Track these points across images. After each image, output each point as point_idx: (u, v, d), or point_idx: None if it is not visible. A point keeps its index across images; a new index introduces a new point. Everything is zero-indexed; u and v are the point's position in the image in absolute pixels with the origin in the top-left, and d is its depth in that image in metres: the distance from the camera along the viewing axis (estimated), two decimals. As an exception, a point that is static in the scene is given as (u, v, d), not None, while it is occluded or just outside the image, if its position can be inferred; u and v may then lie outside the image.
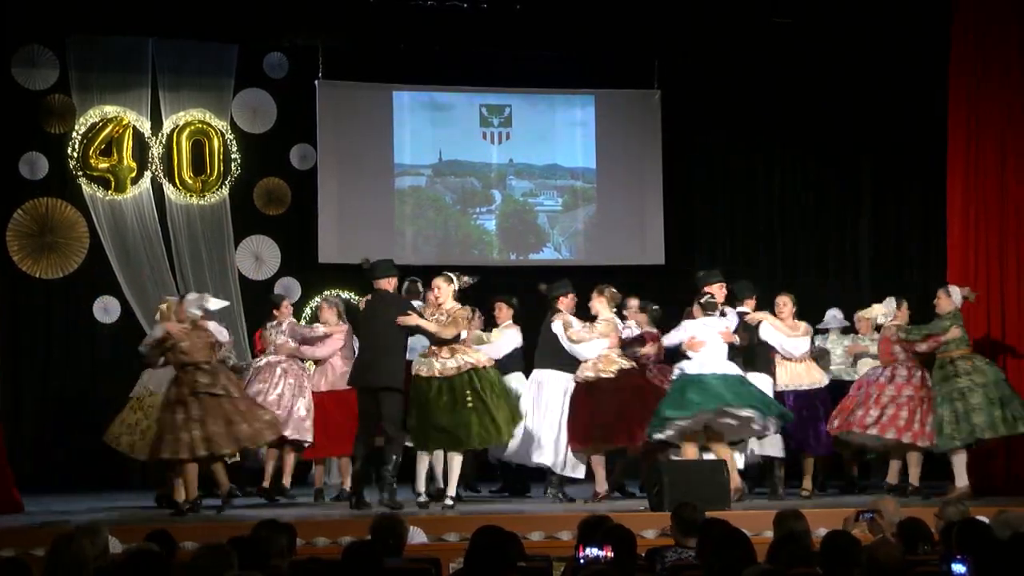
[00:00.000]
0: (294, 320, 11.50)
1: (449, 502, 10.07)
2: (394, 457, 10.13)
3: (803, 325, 11.21)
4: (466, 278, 10.38)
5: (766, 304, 11.19)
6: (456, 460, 10.22)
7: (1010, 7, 11.80)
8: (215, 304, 10.36)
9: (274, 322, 11.27)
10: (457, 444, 10.14)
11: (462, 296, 10.36)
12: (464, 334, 10.24)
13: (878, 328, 11.46)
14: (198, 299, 10.27)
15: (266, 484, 10.98)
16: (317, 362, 11.22)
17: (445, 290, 10.22)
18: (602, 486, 10.75)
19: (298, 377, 11.01)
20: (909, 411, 10.84)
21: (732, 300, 10.96)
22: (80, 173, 13.35)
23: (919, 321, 11.21)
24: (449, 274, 10.36)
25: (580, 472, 10.86)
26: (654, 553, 6.39)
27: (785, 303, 11.17)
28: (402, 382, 10.13)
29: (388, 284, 10.40)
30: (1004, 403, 10.80)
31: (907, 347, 11.00)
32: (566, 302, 10.89)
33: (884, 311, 11.25)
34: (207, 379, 9.97)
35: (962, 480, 10.79)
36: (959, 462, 10.78)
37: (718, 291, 10.79)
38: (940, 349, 10.93)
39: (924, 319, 11.21)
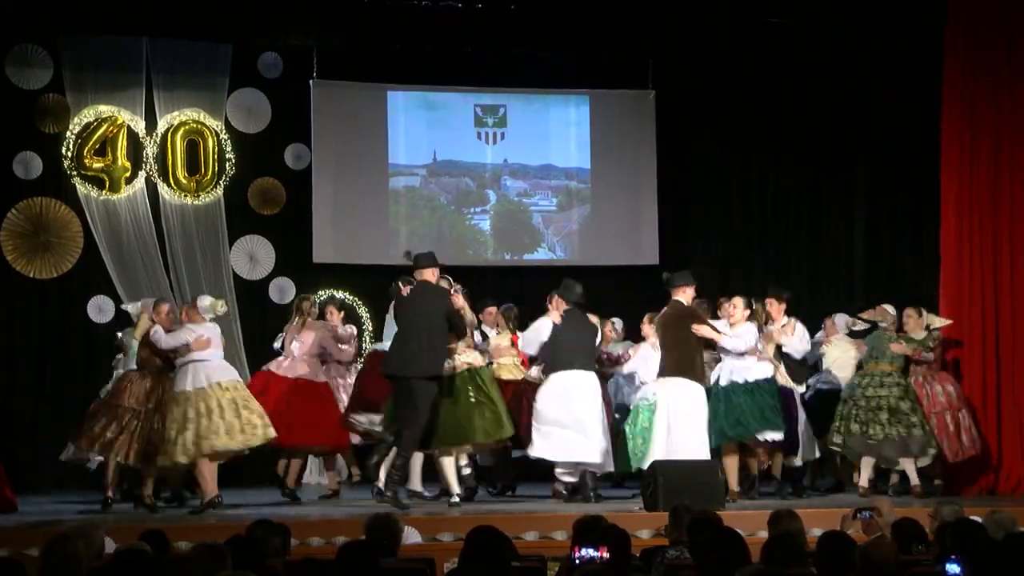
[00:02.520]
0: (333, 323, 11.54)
1: (455, 499, 10.20)
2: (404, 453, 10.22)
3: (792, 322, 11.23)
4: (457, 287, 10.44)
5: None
6: (450, 459, 10.30)
7: (1003, 12, 11.82)
8: (223, 308, 10.50)
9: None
10: (461, 439, 10.21)
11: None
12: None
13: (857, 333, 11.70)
14: (212, 304, 10.35)
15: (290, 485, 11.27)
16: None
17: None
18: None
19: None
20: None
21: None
22: (74, 173, 13.33)
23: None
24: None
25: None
26: (652, 552, 6.40)
27: (771, 303, 11.15)
28: (442, 372, 10.16)
29: (431, 275, 10.25)
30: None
31: (919, 357, 11.20)
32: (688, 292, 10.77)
33: (884, 317, 11.37)
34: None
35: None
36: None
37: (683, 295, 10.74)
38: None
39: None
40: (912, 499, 10.49)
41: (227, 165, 13.85)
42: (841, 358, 11.77)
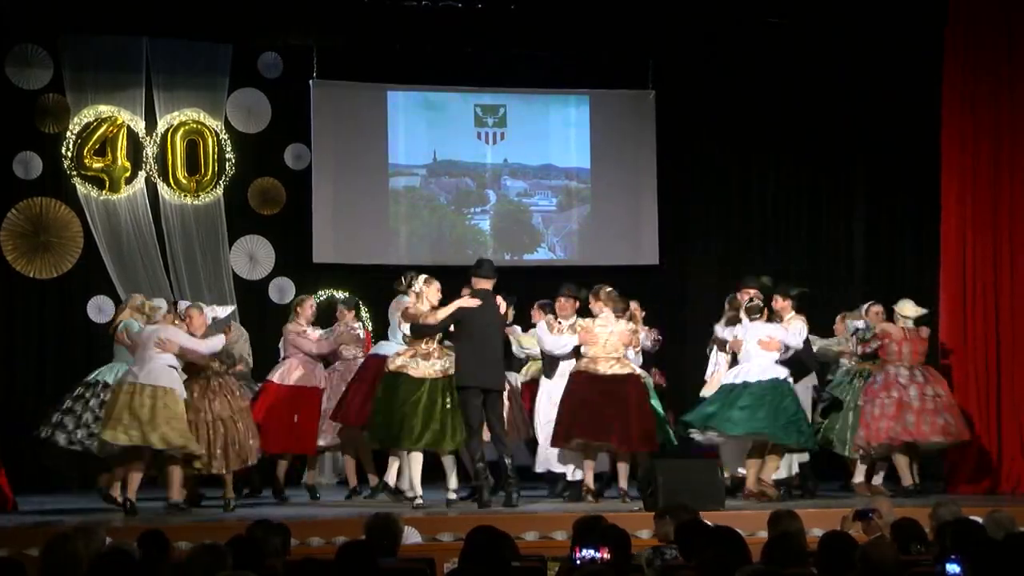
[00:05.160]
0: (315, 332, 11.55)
1: (452, 496, 10.24)
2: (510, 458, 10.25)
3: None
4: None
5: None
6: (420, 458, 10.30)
7: (1003, 12, 11.82)
8: (222, 311, 10.56)
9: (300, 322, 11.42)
10: (440, 444, 10.20)
11: None
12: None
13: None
14: (210, 308, 10.49)
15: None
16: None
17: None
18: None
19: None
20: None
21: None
22: (74, 173, 13.33)
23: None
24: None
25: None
26: (652, 552, 6.39)
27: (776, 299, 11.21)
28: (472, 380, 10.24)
29: (488, 284, 10.42)
30: None
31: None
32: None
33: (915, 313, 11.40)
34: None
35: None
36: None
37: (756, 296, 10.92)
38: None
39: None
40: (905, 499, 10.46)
41: (227, 165, 13.85)
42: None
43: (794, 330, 10.80)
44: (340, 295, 13.88)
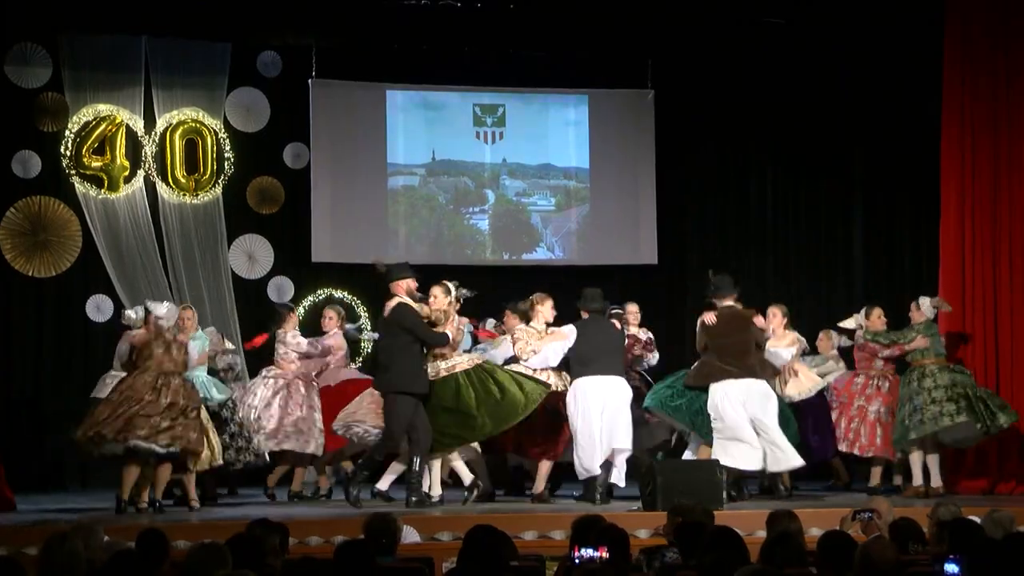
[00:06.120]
0: (301, 339, 11.42)
1: (436, 499, 10.24)
2: (416, 458, 10.10)
3: (791, 335, 11.13)
4: (464, 290, 10.40)
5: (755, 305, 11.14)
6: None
7: (1000, 11, 11.83)
8: (158, 309, 10.27)
9: (282, 331, 11.34)
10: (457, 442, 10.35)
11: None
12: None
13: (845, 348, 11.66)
14: (155, 306, 10.21)
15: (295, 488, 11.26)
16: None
17: (441, 299, 10.26)
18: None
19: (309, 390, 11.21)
20: (870, 426, 11.06)
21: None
22: (73, 172, 13.32)
23: (898, 327, 11.38)
24: (447, 283, 10.37)
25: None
26: (652, 552, 6.39)
27: (775, 314, 11.10)
28: (414, 386, 10.07)
29: (400, 287, 10.24)
30: (978, 398, 10.97)
31: (874, 351, 11.15)
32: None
33: (857, 321, 11.36)
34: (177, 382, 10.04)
35: (936, 480, 11.02)
36: (916, 460, 11.02)
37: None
38: (909, 357, 11.14)
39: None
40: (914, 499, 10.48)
41: (226, 164, 13.85)
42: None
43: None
44: (339, 295, 13.89)
